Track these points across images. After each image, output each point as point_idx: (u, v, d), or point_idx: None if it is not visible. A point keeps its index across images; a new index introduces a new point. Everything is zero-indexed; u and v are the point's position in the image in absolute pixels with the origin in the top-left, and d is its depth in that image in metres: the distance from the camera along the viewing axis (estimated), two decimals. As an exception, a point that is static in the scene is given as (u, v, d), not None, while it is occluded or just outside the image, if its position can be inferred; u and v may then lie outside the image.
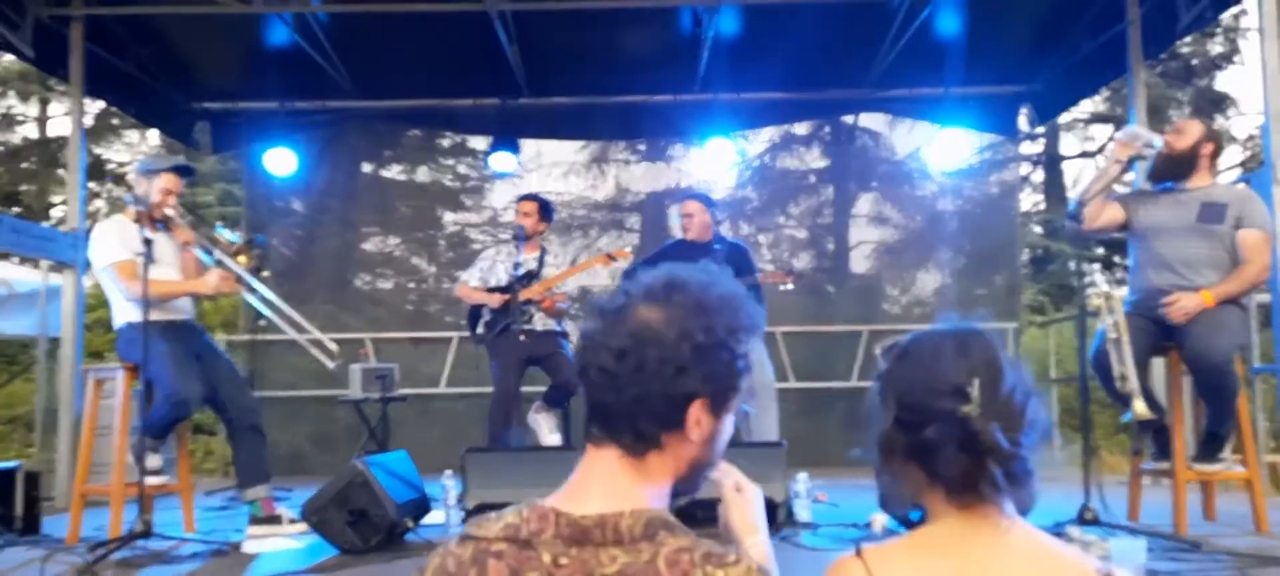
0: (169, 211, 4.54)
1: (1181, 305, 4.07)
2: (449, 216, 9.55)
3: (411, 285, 9.32)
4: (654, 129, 8.61)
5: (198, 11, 6.33)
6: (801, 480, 4.77)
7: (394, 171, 9.48)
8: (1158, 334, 4.22)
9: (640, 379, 1.15)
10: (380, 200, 9.19)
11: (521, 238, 5.72)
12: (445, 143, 9.58)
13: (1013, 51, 7.41)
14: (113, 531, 4.35)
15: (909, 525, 1.29)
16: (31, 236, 6.03)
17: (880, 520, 4.21)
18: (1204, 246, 4.18)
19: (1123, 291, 4.31)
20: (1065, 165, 17.28)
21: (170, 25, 6.69)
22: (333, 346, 4.83)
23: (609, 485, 1.17)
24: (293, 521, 4.61)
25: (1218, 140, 4.39)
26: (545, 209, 5.96)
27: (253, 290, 4.72)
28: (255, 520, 4.62)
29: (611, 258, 5.76)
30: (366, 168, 9.20)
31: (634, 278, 1.23)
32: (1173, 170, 4.31)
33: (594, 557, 1.10)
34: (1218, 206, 4.21)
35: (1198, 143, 4.27)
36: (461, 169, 9.74)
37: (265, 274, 4.86)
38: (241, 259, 4.67)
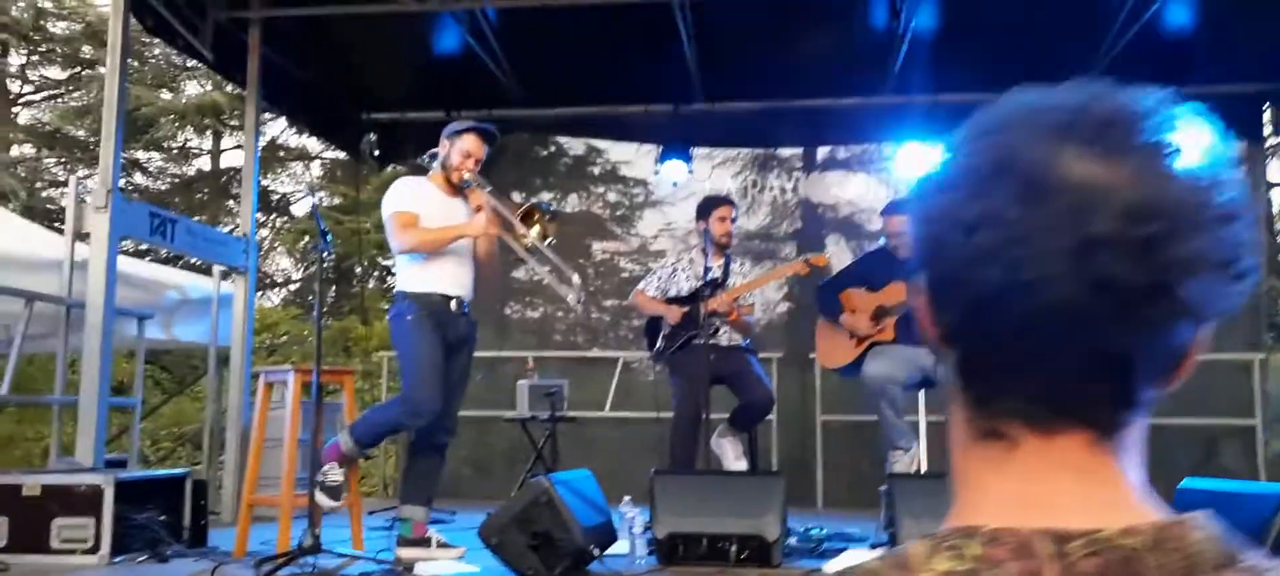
0: (466, 175, 4.25)
1: None
2: (597, 245, 9.30)
3: (560, 314, 9.00)
4: (842, 135, 8.06)
5: (372, 11, 6.18)
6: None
7: (543, 199, 9.27)
8: None
9: (1167, 294, 0.57)
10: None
11: (709, 244, 5.19)
12: (596, 170, 9.35)
13: (1255, 45, 6.51)
14: (280, 546, 4.17)
15: None
16: (205, 240, 5.98)
17: None
18: None
19: None
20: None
21: (343, 28, 6.55)
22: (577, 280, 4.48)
23: (1094, 488, 0.62)
24: (443, 546, 4.24)
25: None
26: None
27: (532, 251, 4.36)
28: (403, 541, 4.25)
29: (810, 264, 5.16)
30: (516, 197, 8.95)
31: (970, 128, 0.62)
32: None
33: None
34: None
35: None
36: (612, 196, 9.53)
37: (551, 241, 4.37)
38: (535, 227, 4.32)
